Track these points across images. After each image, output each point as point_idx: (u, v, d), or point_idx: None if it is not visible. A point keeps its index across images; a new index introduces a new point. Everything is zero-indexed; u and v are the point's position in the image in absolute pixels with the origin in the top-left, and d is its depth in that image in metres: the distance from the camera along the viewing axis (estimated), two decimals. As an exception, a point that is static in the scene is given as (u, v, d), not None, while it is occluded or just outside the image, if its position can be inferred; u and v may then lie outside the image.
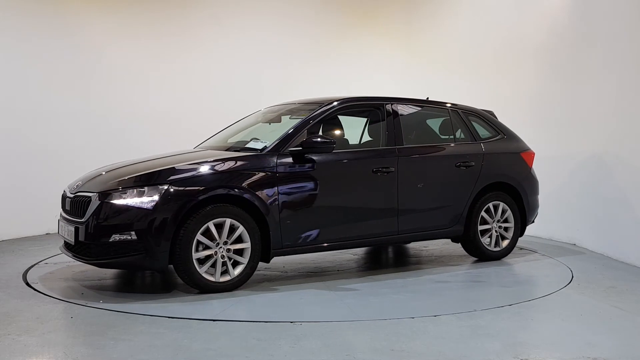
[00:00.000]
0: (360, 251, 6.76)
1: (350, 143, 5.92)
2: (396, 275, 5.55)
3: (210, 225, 4.70)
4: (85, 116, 8.46)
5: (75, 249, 4.87)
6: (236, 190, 4.83)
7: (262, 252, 5.01)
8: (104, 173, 5.17)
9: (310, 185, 5.18)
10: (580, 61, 7.01)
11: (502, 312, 4.35)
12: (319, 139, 5.11)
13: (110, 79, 8.71)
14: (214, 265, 4.75)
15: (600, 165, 6.66)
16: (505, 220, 6.22)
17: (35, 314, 4.21)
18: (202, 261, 4.71)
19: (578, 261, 6.24)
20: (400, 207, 5.57)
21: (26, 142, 7.89)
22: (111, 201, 4.65)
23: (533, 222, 6.57)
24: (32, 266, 5.88)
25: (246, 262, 4.86)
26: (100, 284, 5.15)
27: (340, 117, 5.79)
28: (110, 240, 4.59)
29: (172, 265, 4.73)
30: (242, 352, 3.47)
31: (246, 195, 4.85)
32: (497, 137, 6.39)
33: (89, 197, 4.80)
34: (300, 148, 5.12)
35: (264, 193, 4.93)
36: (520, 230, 6.33)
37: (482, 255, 6.11)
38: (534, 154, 6.55)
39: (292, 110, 5.91)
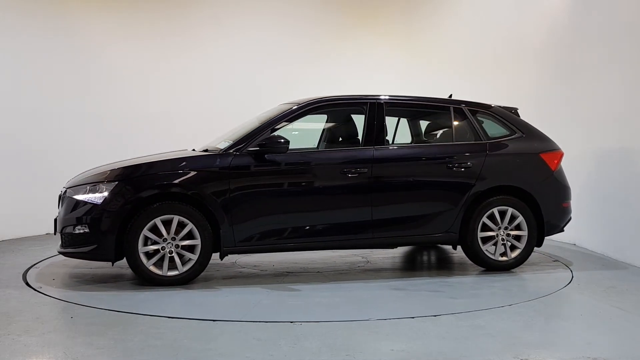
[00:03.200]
0: (378, 253, 6.57)
1: (328, 143, 5.89)
2: (376, 279, 5.43)
3: (157, 221, 4.93)
4: (85, 116, 8.47)
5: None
6: (182, 188, 4.98)
7: (218, 250, 5.14)
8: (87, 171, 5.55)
9: (267, 185, 5.20)
10: (580, 61, 7.01)
11: (502, 312, 4.35)
12: (272, 139, 5.13)
13: (110, 79, 8.72)
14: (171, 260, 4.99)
15: (600, 165, 6.66)
16: (518, 228, 5.65)
17: (35, 314, 4.21)
18: (152, 255, 4.95)
19: (578, 261, 6.24)
20: (374, 210, 5.33)
21: (26, 142, 7.89)
22: (74, 196, 5.07)
23: (562, 230, 5.95)
24: (32, 266, 5.88)
25: (195, 259, 5.01)
26: (99, 283, 5.16)
27: (322, 117, 5.82)
28: (74, 232, 4.99)
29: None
30: (242, 352, 3.47)
31: (192, 193, 5.00)
32: (512, 137, 5.83)
33: (63, 192, 5.28)
34: (258, 148, 5.16)
35: (215, 192, 5.03)
36: (537, 240, 5.72)
37: (485, 265, 5.66)
38: (560, 155, 5.90)
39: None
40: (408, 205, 5.47)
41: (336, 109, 5.86)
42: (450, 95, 6.17)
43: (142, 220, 4.90)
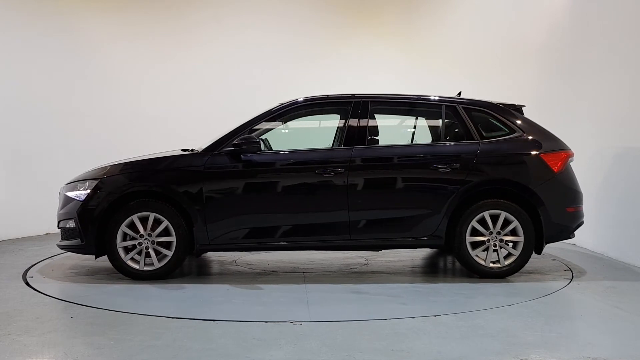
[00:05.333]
0: (385, 256, 6.46)
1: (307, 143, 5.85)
2: (347, 282, 5.26)
3: (135, 218, 5.16)
4: (85, 116, 8.48)
5: None
6: (155, 186, 5.18)
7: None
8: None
9: (240, 184, 5.24)
10: (581, 61, 7.01)
11: (502, 312, 4.35)
12: (245, 140, 5.18)
13: (109, 80, 8.73)
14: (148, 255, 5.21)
15: (600, 165, 6.66)
16: (514, 233, 5.32)
17: (35, 314, 4.21)
18: (131, 250, 5.20)
19: (578, 261, 6.24)
20: (351, 211, 5.21)
21: (25, 143, 7.90)
22: (66, 193, 5.39)
23: (569, 237, 5.53)
24: (32, 266, 5.89)
25: (171, 255, 5.18)
26: (99, 283, 5.16)
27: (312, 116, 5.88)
28: (66, 226, 5.31)
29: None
30: (242, 352, 3.47)
31: (167, 192, 5.17)
32: (511, 136, 5.48)
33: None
34: (233, 148, 5.22)
35: (188, 190, 5.17)
36: (536, 246, 5.37)
37: (475, 271, 5.35)
38: (565, 155, 5.47)
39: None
40: (388, 207, 5.30)
41: (318, 108, 5.84)
42: (459, 93, 5.95)
43: (120, 217, 5.14)
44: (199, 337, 3.74)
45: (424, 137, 6.02)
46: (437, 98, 5.71)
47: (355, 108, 5.46)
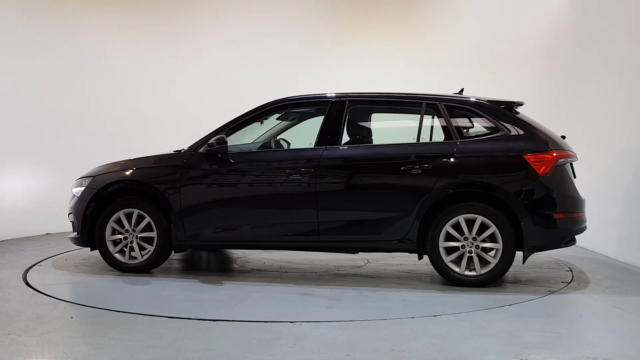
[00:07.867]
0: (389, 257, 6.39)
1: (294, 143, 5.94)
2: (313, 284, 5.15)
3: (121, 214, 5.48)
4: (85, 117, 8.49)
5: None
6: (140, 184, 5.46)
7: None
8: None
9: (213, 184, 5.41)
10: (581, 61, 7.02)
11: (502, 312, 4.35)
12: (217, 140, 5.28)
13: (109, 80, 8.74)
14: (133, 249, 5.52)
15: (600, 165, 6.66)
16: (493, 240, 4.94)
17: (35, 314, 4.21)
18: (118, 244, 5.52)
19: (578, 261, 6.24)
20: (320, 212, 5.12)
21: (26, 143, 7.90)
22: (72, 189, 5.76)
23: (562, 246, 5.13)
24: (32, 266, 5.89)
25: (152, 249, 5.43)
26: (98, 283, 5.16)
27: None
28: (71, 220, 5.71)
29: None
30: (242, 352, 3.47)
31: (150, 190, 5.44)
32: (494, 135, 5.09)
33: None
34: (208, 148, 5.36)
35: (168, 189, 5.40)
36: (518, 254, 5.02)
37: (450, 279, 5.03)
38: (554, 156, 4.97)
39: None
40: (356, 209, 5.15)
41: (298, 109, 5.89)
42: (462, 90, 5.74)
43: (108, 213, 5.48)
44: (198, 337, 3.74)
45: (403, 136, 5.70)
46: (417, 95, 5.45)
47: (332, 108, 5.36)
